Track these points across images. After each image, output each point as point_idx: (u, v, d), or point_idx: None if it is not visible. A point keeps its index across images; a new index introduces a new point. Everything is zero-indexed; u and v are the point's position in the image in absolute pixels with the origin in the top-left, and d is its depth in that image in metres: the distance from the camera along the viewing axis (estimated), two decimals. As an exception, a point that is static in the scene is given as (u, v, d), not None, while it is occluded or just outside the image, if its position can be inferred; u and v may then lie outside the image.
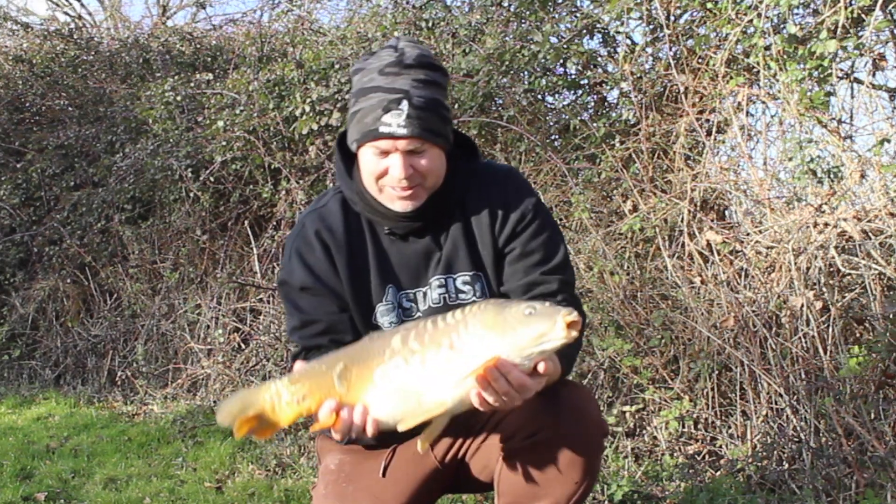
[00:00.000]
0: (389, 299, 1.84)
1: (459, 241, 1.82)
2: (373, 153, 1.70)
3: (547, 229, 1.83)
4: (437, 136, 1.71)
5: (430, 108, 1.68)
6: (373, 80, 1.69)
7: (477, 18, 4.68)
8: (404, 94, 1.66)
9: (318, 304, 1.82)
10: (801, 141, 3.28)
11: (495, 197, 1.82)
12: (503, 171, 1.90)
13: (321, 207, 1.87)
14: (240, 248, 5.43)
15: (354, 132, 1.72)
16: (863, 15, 3.20)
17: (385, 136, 1.66)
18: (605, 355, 3.31)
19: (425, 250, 1.83)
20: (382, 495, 1.87)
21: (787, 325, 3.00)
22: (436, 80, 1.72)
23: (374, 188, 1.75)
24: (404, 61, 1.69)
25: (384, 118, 1.66)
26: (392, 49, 1.72)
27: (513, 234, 1.81)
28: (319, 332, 1.82)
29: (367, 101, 1.69)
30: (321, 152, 4.97)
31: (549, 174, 4.08)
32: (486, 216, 1.81)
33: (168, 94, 5.71)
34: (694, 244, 3.41)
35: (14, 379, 5.62)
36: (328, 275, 1.82)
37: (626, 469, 2.99)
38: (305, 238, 1.83)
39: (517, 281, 1.82)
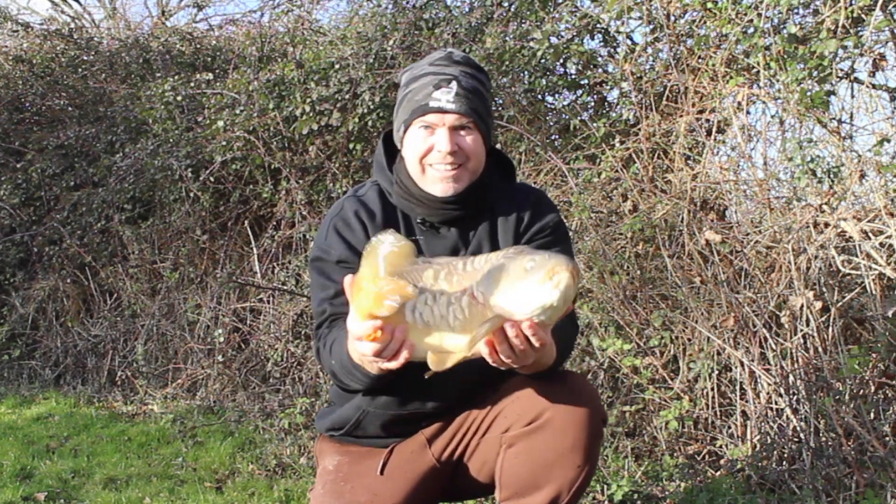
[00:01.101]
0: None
1: (485, 240, 1.89)
2: (420, 128, 1.80)
3: (560, 244, 1.92)
4: (481, 120, 1.81)
5: (476, 94, 1.80)
6: (423, 69, 1.82)
7: (477, 18, 4.68)
8: (453, 77, 1.79)
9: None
10: (801, 141, 3.27)
11: (523, 207, 1.92)
12: (535, 190, 2.02)
13: (361, 195, 1.95)
14: (240, 248, 5.43)
15: (404, 113, 1.83)
16: (863, 15, 3.20)
17: (434, 109, 1.77)
18: (605, 355, 3.31)
19: (453, 245, 1.89)
20: (380, 492, 1.88)
21: (787, 325, 3.00)
22: (481, 79, 1.86)
23: (417, 170, 1.83)
24: (453, 58, 1.83)
25: (434, 94, 1.77)
26: (442, 51, 1.87)
27: (530, 240, 1.88)
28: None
29: (418, 83, 1.81)
30: (321, 152, 4.97)
31: (549, 174, 4.08)
32: (512, 222, 1.90)
33: (168, 94, 5.71)
34: (694, 244, 3.41)
35: (14, 379, 5.62)
36: None
37: (626, 469, 2.99)
38: (345, 217, 1.89)
39: None
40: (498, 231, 1.90)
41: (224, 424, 4.18)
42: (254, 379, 4.57)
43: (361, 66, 4.84)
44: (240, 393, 4.52)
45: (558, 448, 1.79)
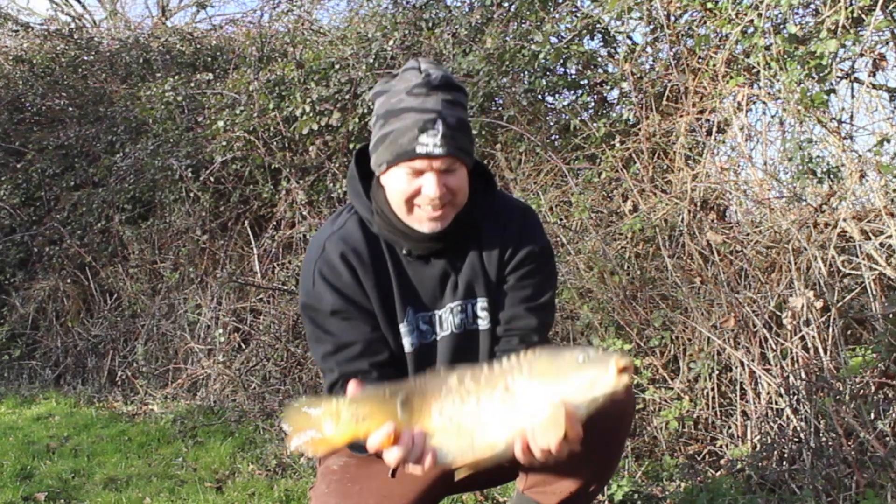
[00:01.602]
0: (409, 320, 1.85)
1: (477, 267, 1.86)
2: (405, 173, 1.70)
3: (543, 272, 1.89)
4: (467, 155, 1.74)
5: (461, 128, 1.71)
6: (402, 100, 1.70)
7: (477, 18, 4.68)
8: (438, 114, 1.67)
9: (351, 326, 1.80)
10: (801, 141, 3.28)
11: (511, 232, 1.86)
12: (521, 210, 1.94)
13: (340, 229, 1.85)
14: (240, 248, 5.43)
15: (385, 154, 1.71)
16: (863, 15, 3.20)
17: (421, 155, 1.67)
18: (605, 355, 3.30)
19: (442, 273, 1.85)
20: (390, 494, 1.87)
21: (787, 325, 3.00)
22: (461, 101, 1.75)
23: (402, 209, 1.75)
24: (432, 82, 1.70)
25: (420, 138, 1.66)
26: (416, 70, 1.73)
27: (514, 268, 1.86)
28: (357, 356, 1.81)
29: (399, 122, 1.68)
30: (321, 152, 4.97)
31: (549, 174, 4.08)
32: (499, 248, 1.86)
33: (168, 94, 5.71)
34: (694, 244, 3.41)
35: (14, 379, 5.62)
36: (359, 296, 1.81)
37: (626, 469, 2.99)
38: (329, 262, 1.81)
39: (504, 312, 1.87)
40: (485, 259, 1.86)
41: (224, 424, 4.18)
42: (254, 379, 4.57)
43: (361, 66, 4.84)
44: (240, 393, 4.52)
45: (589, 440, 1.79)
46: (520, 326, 1.86)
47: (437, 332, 1.87)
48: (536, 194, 4.02)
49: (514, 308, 1.86)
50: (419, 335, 1.86)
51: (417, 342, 1.85)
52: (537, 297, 1.87)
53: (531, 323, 1.86)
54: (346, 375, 1.79)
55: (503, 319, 1.87)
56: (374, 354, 1.81)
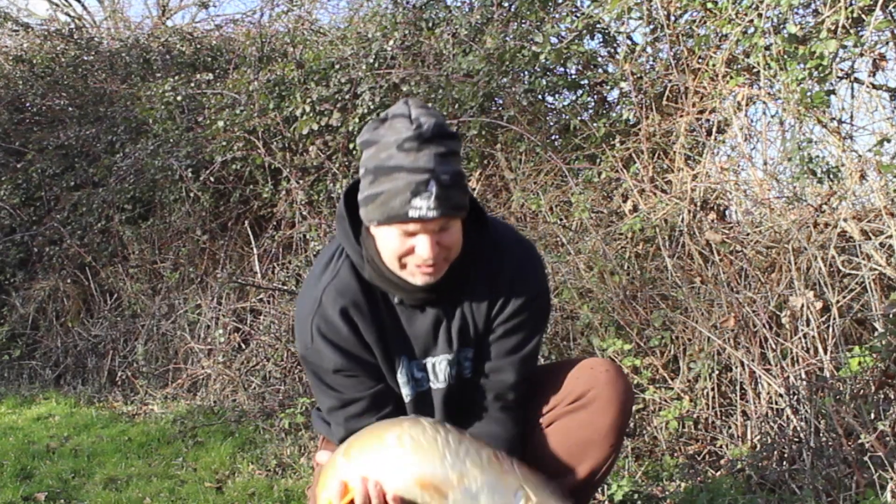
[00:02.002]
0: (404, 370, 1.84)
1: (468, 315, 1.83)
2: (397, 233, 1.63)
3: (533, 323, 1.84)
4: (460, 210, 1.67)
5: (455, 185, 1.61)
6: (392, 157, 1.59)
7: (477, 18, 4.68)
8: (430, 174, 1.57)
9: (355, 383, 1.79)
10: (801, 141, 3.28)
11: (503, 281, 1.80)
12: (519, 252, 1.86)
13: (335, 279, 1.79)
14: (240, 248, 5.43)
15: (376, 214, 1.63)
16: (863, 15, 3.20)
17: (414, 220, 1.59)
18: (605, 355, 3.31)
19: (434, 321, 1.82)
20: None
21: (787, 325, 3.00)
22: (454, 149, 1.64)
23: (394, 264, 1.69)
24: (423, 134, 1.59)
25: (413, 202, 1.57)
26: (406, 119, 1.62)
27: (505, 320, 1.82)
28: (363, 412, 1.80)
29: (391, 183, 1.59)
30: (321, 152, 4.97)
31: (549, 174, 4.08)
32: (488, 300, 1.81)
33: (168, 94, 5.71)
34: (694, 244, 3.41)
35: (14, 379, 5.62)
36: (359, 351, 1.78)
37: (626, 469, 2.99)
38: (328, 319, 1.76)
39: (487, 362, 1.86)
40: (476, 307, 1.82)
41: (224, 424, 4.18)
42: (254, 379, 4.57)
43: (361, 66, 4.84)
44: (240, 393, 4.52)
45: (597, 428, 1.81)
46: (498, 380, 1.85)
47: (430, 379, 1.86)
48: (536, 194, 4.02)
49: (497, 359, 1.84)
50: (415, 384, 1.85)
51: (414, 392, 1.85)
52: (522, 347, 1.84)
53: (509, 379, 1.84)
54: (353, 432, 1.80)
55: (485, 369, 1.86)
56: (380, 408, 1.81)
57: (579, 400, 1.83)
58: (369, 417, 1.80)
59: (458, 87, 4.45)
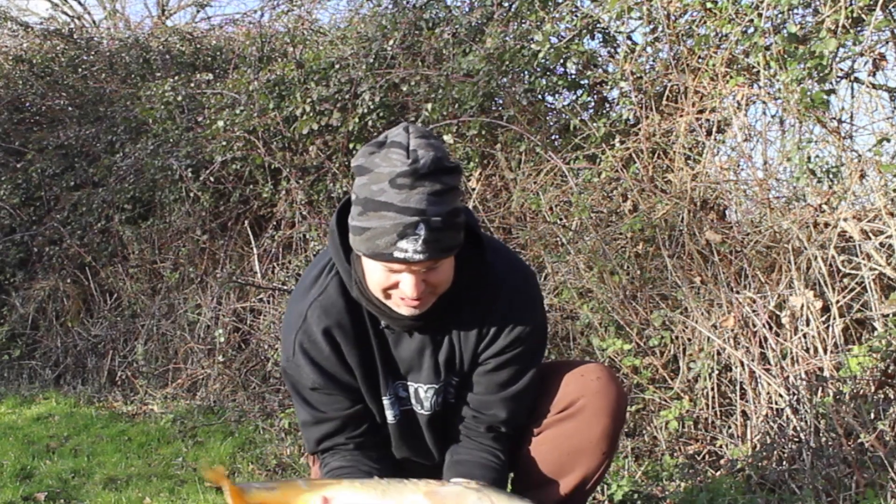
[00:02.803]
0: (390, 392, 1.83)
1: (456, 344, 1.79)
2: (383, 269, 1.59)
3: (526, 357, 1.80)
4: (451, 252, 1.61)
5: (447, 227, 1.54)
6: (383, 191, 1.52)
7: (477, 18, 4.68)
8: (421, 217, 1.50)
9: (330, 401, 1.79)
10: (801, 141, 3.27)
11: (496, 314, 1.76)
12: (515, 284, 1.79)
13: (321, 296, 1.75)
14: (240, 248, 5.43)
15: (362, 247, 1.58)
16: (863, 15, 3.20)
17: (399, 260, 1.54)
18: (605, 355, 3.31)
19: (420, 347, 1.79)
20: None
21: (787, 325, 3.00)
22: (452, 185, 1.56)
23: (379, 294, 1.66)
24: (419, 170, 1.51)
25: (399, 244, 1.52)
26: (402, 151, 1.53)
27: (496, 353, 1.79)
28: (334, 431, 1.81)
29: (378, 221, 1.53)
30: (321, 152, 4.97)
31: (549, 174, 4.08)
32: (479, 330, 1.77)
33: (168, 94, 5.71)
34: (694, 244, 3.41)
35: (14, 379, 5.61)
36: (339, 371, 1.77)
37: (626, 469, 2.99)
38: (311, 337, 1.74)
39: (476, 394, 1.83)
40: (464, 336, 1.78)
41: (224, 424, 4.18)
42: (254, 379, 4.57)
43: (361, 66, 4.84)
44: (240, 393, 4.52)
45: (588, 436, 1.80)
46: (489, 415, 1.82)
47: (413, 403, 1.86)
48: (536, 194, 4.02)
49: (487, 395, 1.81)
50: (399, 403, 1.85)
51: (399, 412, 1.85)
52: (513, 383, 1.81)
53: (500, 415, 1.82)
54: (322, 450, 1.83)
55: (475, 402, 1.83)
56: (351, 429, 1.81)
57: (568, 409, 1.81)
58: (340, 437, 1.81)
59: (458, 87, 4.45)
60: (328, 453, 1.84)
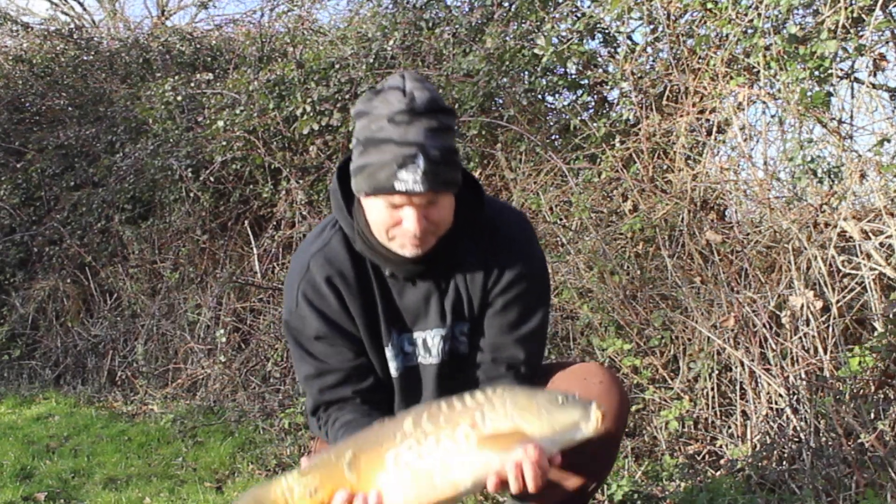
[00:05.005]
0: (394, 343, 1.82)
1: (462, 289, 1.80)
2: (384, 205, 1.63)
3: (533, 295, 1.82)
4: (450, 186, 1.66)
5: (445, 161, 1.61)
6: (382, 129, 1.60)
7: (477, 18, 4.68)
8: (419, 148, 1.57)
9: (334, 352, 1.78)
10: (801, 141, 3.28)
11: (498, 252, 1.79)
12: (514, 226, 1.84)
13: (325, 247, 1.80)
14: (240, 248, 5.43)
15: (364, 184, 1.64)
16: (863, 15, 3.20)
17: (400, 192, 1.59)
18: (605, 355, 3.31)
19: (426, 295, 1.80)
20: None
21: (787, 325, 3.00)
22: (447, 124, 1.64)
23: (383, 236, 1.69)
24: (416, 108, 1.59)
25: (399, 174, 1.57)
26: (400, 92, 1.61)
27: (501, 291, 1.79)
28: (339, 382, 1.79)
29: (378, 155, 1.59)
30: (321, 152, 4.97)
31: (549, 174, 4.08)
32: (483, 271, 1.79)
33: (168, 94, 5.71)
34: (694, 244, 3.41)
35: (14, 379, 5.61)
36: (343, 320, 1.78)
37: (626, 469, 2.99)
38: (314, 285, 1.77)
39: (489, 338, 1.82)
40: (470, 281, 1.80)
41: (224, 424, 4.18)
42: (254, 379, 4.56)
43: (362, 66, 4.84)
44: (240, 393, 4.52)
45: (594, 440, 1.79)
46: (507, 356, 1.81)
47: (420, 354, 1.84)
48: (536, 194, 4.02)
49: (501, 336, 1.81)
50: (404, 358, 1.83)
51: (402, 366, 1.83)
52: (524, 322, 1.81)
53: (518, 355, 1.81)
54: (327, 403, 1.80)
55: (489, 346, 1.82)
56: (356, 381, 1.79)
57: None
58: (345, 389, 1.78)
59: (458, 87, 4.45)
60: (334, 407, 1.80)
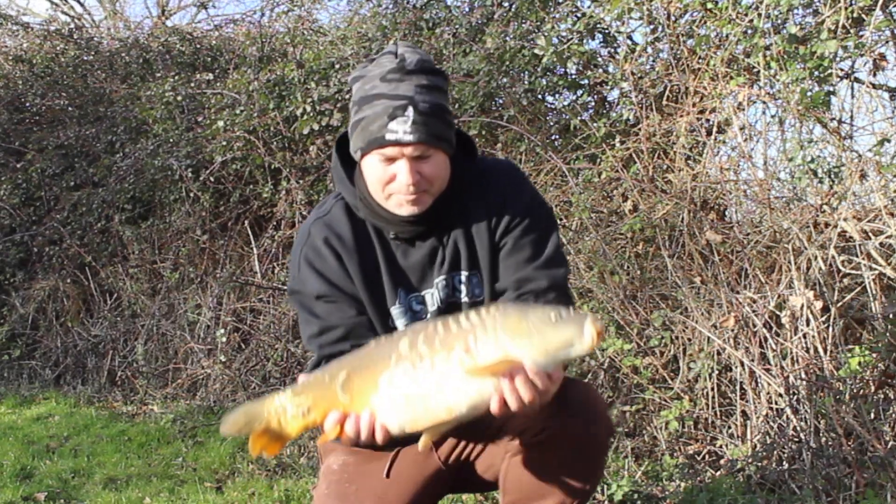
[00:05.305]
0: (402, 302, 1.84)
1: (461, 241, 1.83)
2: (379, 160, 1.70)
3: (539, 225, 1.84)
4: (442, 142, 1.71)
5: (434, 114, 1.68)
6: (375, 87, 1.69)
7: (477, 18, 4.68)
8: (409, 101, 1.66)
9: (335, 309, 1.81)
10: (801, 141, 3.28)
11: (494, 197, 1.83)
12: (502, 170, 1.90)
13: (325, 215, 1.87)
14: (240, 248, 5.43)
15: (359, 141, 1.72)
16: (863, 15, 3.20)
17: (391, 143, 1.66)
18: (605, 355, 3.31)
19: (430, 252, 1.84)
20: (386, 495, 1.87)
21: (787, 325, 3.00)
22: (438, 84, 1.72)
23: (380, 195, 1.75)
24: (406, 67, 1.68)
25: (390, 125, 1.65)
26: (392, 55, 1.72)
27: (506, 230, 1.82)
28: (340, 338, 1.81)
29: (371, 109, 1.68)
30: (321, 152, 4.97)
31: (549, 174, 4.08)
32: (484, 216, 1.82)
33: (168, 94, 5.71)
34: (694, 244, 3.41)
35: (14, 379, 5.62)
36: (342, 280, 1.81)
37: (626, 469, 2.99)
38: (314, 247, 1.83)
39: (508, 277, 1.83)
40: (472, 231, 1.83)
41: (224, 424, 4.18)
42: (254, 379, 4.56)
43: (362, 66, 4.84)
44: (240, 393, 4.52)
45: (563, 461, 1.78)
46: (532, 288, 1.81)
47: (429, 312, 1.86)
48: (536, 194, 4.01)
49: (521, 271, 1.82)
50: (412, 316, 1.85)
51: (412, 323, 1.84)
52: (540, 252, 1.83)
53: (541, 284, 1.81)
54: (327, 357, 1.81)
55: (512, 283, 1.82)
56: (357, 337, 1.80)
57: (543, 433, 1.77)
58: (345, 345, 1.80)
59: (458, 87, 4.45)
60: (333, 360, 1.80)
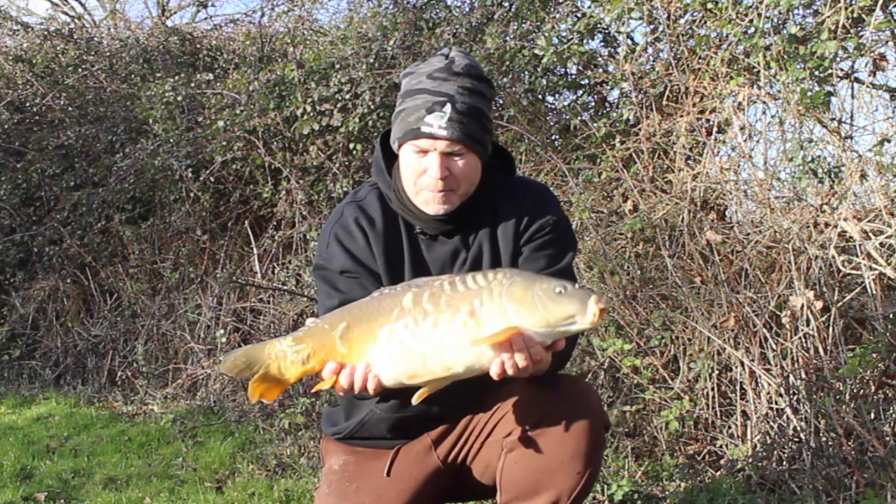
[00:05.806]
0: None
1: (485, 244, 1.88)
2: (413, 151, 1.77)
3: (561, 241, 1.90)
4: (475, 143, 1.77)
5: (472, 115, 1.75)
6: (420, 82, 1.78)
7: (477, 18, 4.68)
8: (449, 98, 1.74)
9: (356, 285, 1.86)
10: (801, 141, 3.28)
11: (525, 208, 1.89)
12: (536, 186, 1.98)
13: (360, 200, 1.93)
14: (240, 248, 5.43)
15: (397, 131, 1.80)
16: (863, 15, 3.20)
17: (425, 135, 1.73)
18: (605, 355, 3.31)
19: (453, 251, 1.88)
20: (386, 494, 1.89)
21: (787, 325, 3.00)
22: (481, 90, 1.79)
23: (412, 188, 1.82)
24: (453, 68, 1.77)
25: (427, 118, 1.73)
26: (443, 56, 1.80)
27: (530, 238, 1.88)
28: None
29: (412, 102, 1.77)
30: (321, 152, 4.97)
31: (550, 174, 4.08)
32: (512, 224, 1.88)
33: (168, 94, 5.71)
34: (694, 244, 3.41)
35: (14, 379, 5.61)
36: (368, 259, 1.87)
37: (626, 469, 2.99)
38: (345, 226, 1.89)
39: None
40: (499, 237, 1.88)
41: (224, 424, 4.18)
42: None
43: (362, 66, 4.84)
44: (240, 393, 4.51)
45: (558, 455, 1.79)
46: None
47: None
48: (536, 194, 4.01)
49: None
50: None
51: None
52: (553, 264, 1.88)
53: None
54: None
55: None
56: None
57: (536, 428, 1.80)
58: None
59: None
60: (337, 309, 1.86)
